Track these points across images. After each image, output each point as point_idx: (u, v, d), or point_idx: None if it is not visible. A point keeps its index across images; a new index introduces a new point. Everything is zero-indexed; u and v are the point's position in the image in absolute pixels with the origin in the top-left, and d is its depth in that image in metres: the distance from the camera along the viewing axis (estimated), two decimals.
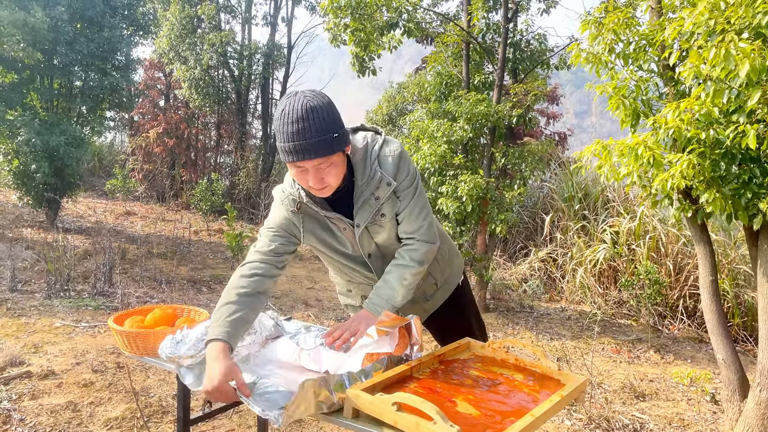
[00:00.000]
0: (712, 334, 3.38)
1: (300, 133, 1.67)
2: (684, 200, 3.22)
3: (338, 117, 1.74)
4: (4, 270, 6.12)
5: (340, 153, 1.76)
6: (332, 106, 1.73)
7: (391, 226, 1.99)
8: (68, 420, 3.32)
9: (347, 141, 1.79)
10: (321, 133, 1.67)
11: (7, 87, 7.99)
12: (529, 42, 6.92)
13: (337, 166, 1.77)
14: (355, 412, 1.48)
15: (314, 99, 1.70)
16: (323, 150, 1.69)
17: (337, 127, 1.71)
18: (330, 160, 1.73)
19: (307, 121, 1.66)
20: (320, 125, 1.67)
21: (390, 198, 1.93)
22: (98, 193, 12.85)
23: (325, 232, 2.00)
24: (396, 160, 1.91)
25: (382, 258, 2.08)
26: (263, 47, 13.00)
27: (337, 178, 1.79)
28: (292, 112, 1.67)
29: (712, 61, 2.31)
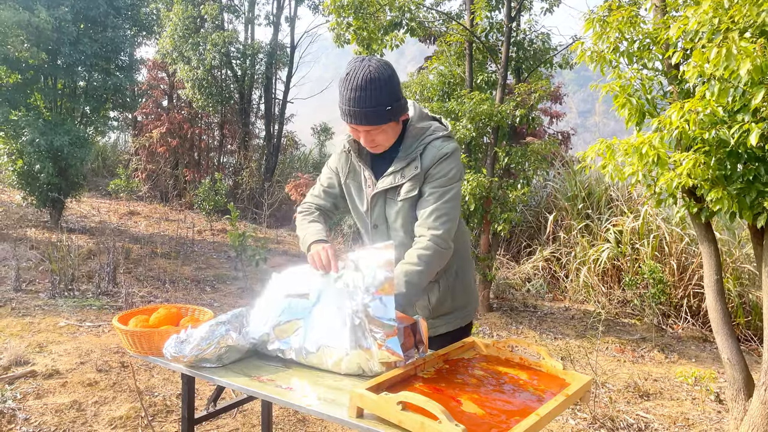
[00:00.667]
0: (716, 333, 3.37)
1: (356, 101, 1.83)
2: (688, 199, 3.22)
3: (395, 90, 1.87)
4: (9, 270, 6.14)
5: (391, 123, 1.91)
6: (392, 80, 1.85)
7: (402, 210, 2.03)
8: (73, 419, 3.33)
9: (402, 112, 1.93)
10: (374, 104, 1.83)
11: (11, 87, 8.00)
12: (532, 41, 6.90)
13: (387, 132, 1.94)
14: (360, 411, 1.48)
15: (376, 71, 1.83)
16: (374, 119, 1.86)
17: (391, 101, 1.85)
18: (380, 128, 1.90)
19: (365, 91, 1.81)
20: (375, 97, 1.82)
21: (413, 181, 1.98)
22: (102, 193, 12.88)
23: (355, 183, 2.14)
24: (439, 156, 1.97)
25: (385, 238, 2.10)
26: (266, 47, 13.01)
27: (387, 141, 1.97)
28: (353, 79, 1.82)
29: (714, 61, 2.30)
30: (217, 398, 2.26)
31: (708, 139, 2.65)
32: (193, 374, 1.85)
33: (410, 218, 2.04)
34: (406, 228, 2.06)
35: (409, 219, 2.04)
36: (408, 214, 2.03)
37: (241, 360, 1.91)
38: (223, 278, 7.15)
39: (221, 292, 6.58)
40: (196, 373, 1.83)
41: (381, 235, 2.11)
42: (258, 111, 14.36)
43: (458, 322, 2.21)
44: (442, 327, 2.18)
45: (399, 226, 2.07)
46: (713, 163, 2.76)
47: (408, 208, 2.02)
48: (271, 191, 12.18)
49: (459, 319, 2.21)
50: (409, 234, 2.06)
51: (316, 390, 1.67)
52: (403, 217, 2.04)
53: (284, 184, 11.55)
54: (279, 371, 1.82)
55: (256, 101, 14.18)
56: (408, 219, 2.04)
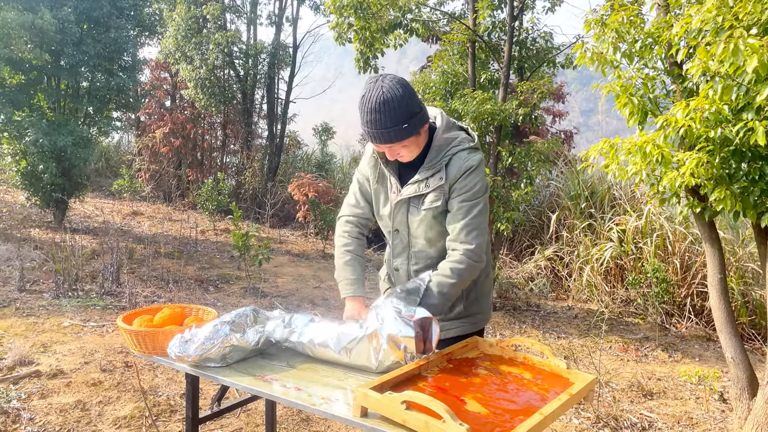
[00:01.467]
0: (720, 332, 3.36)
1: (374, 123, 1.90)
2: (692, 198, 3.21)
3: (411, 106, 1.90)
4: (13, 270, 6.16)
5: (411, 137, 1.95)
6: (405, 98, 1.89)
7: (425, 219, 2.06)
8: (77, 419, 3.34)
9: (421, 124, 1.96)
10: (391, 125, 1.88)
11: (14, 88, 8.02)
12: (534, 40, 6.90)
13: (409, 147, 1.98)
14: (364, 411, 1.48)
15: (389, 91, 1.88)
16: (393, 138, 1.92)
17: (407, 118, 1.89)
18: (401, 144, 1.96)
19: (380, 113, 1.88)
20: (391, 117, 1.87)
21: (437, 192, 2.02)
22: (105, 194, 12.91)
23: (382, 187, 2.19)
24: (465, 168, 2.00)
25: (404, 244, 2.16)
26: (268, 47, 13.01)
27: (410, 153, 2.01)
28: (369, 102, 1.89)
29: (720, 57, 2.30)
30: (221, 398, 2.26)
31: (713, 137, 2.64)
32: (198, 374, 1.85)
33: (431, 227, 2.08)
34: (427, 236, 2.10)
35: (430, 228, 2.08)
36: (430, 224, 2.07)
37: (245, 360, 1.91)
38: (227, 278, 7.16)
39: (225, 291, 6.59)
40: (201, 373, 1.83)
41: (400, 240, 2.17)
42: (261, 111, 14.37)
43: (468, 328, 2.23)
44: (452, 330, 2.21)
45: (420, 234, 2.11)
46: (717, 162, 2.75)
47: (431, 218, 2.06)
48: (273, 191, 12.19)
49: (469, 324, 2.23)
50: (429, 242, 2.11)
51: (320, 389, 1.68)
52: (425, 226, 2.08)
53: (287, 183, 11.56)
54: (283, 370, 1.83)
55: (259, 101, 14.19)
56: (429, 228, 2.08)
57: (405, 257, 2.18)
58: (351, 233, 2.27)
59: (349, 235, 2.26)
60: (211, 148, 14.36)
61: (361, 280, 2.18)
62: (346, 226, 2.29)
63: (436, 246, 2.11)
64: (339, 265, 2.22)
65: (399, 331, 1.70)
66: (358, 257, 2.23)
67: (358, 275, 2.18)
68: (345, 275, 2.18)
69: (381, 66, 6.39)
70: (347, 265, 2.20)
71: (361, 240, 2.29)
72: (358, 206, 2.29)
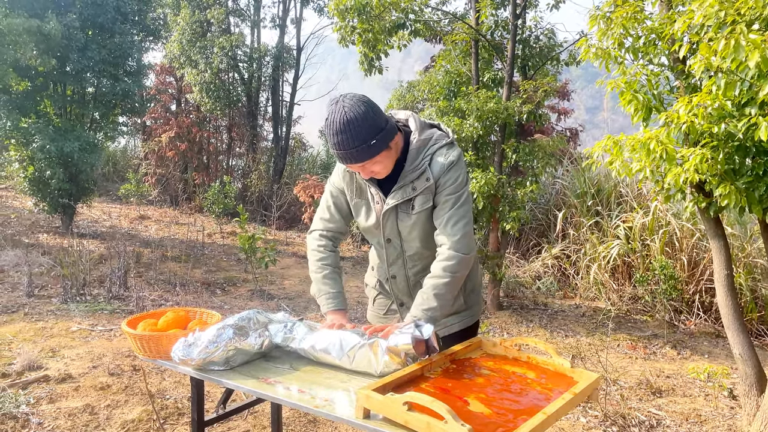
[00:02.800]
0: (728, 328, 3.34)
1: (341, 145, 1.87)
2: (697, 194, 3.19)
3: (376, 122, 1.87)
4: (21, 275, 6.20)
5: (382, 152, 1.92)
6: (368, 114, 1.86)
7: (418, 222, 2.05)
8: (86, 423, 3.36)
9: (389, 138, 1.93)
10: (358, 143, 1.85)
11: (20, 95, 8.08)
12: (538, 38, 6.87)
13: (381, 162, 1.95)
14: (366, 412, 1.48)
15: (351, 110, 1.85)
16: (362, 156, 1.88)
17: (373, 134, 1.86)
18: (373, 161, 1.92)
19: (346, 134, 1.85)
20: (357, 136, 1.84)
21: (425, 194, 2.00)
22: (112, 198, 12.97)
23: (362, 200, 2.15)
24: (447, 165, 1.99)
25: (398, 251, 2.14)
26: (272, 50, 13.05)
27: (385, 169, 1.98)
28: (333, 124, 1.87)
29: (722, 53, 2.29)
30: (226, 400, 2.27)
31: (717, 133, 2.63)
32: (202, 377, 1.86)
33: (425, 229, 2.07)
34: (422, 237, 2.09)
35: (425, 230, 2.07)
36: (424, 226, 2.06)
37: (249, 362, 1.92)
38: (234, 281, 7.18)
39: (231, 294, 6.61)
40: (205, 376, 1.84)
41: (393, 248, 2.15)
42: (265, 113, 14.41)
43: (468, 320, 2.24)
44: (456, 325, 2.21)
45: (413, 237, 2.09)
46: (721, 158, 2.74)
47: (424, 220, 2.05)
48: (279, 193, 12.21)
49: (469, 317, 2.24)
50: (425, 243, 2.10)
51: (323, 391, 1.68)
52: (418, 229, 2.07)
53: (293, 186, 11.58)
54: (286, 373, 1.83)
55: (264, 104, 14.23)
56: (423, 230, 2.07)
57: (401, 263, 2.17)
58: (326, 247, 2.23)
59: (324, 248, 2.22)
60: (216, 151, 14.41)
61: (342, 294, 2.16)
62: (320, 240, 2.24)
63: (429, 245, 2.09)
64: (317, 279, 2.18)
65: (396, 342, 1.72)
66: (336, 270, 2.20)
67: (338, 289, 2.16)
68: (325, 289, 2.15)
69: (386, 66, 6.39)
70: (326, 278, 2.16)
71: (336, 253, 2.26)
72: (332, 220, 2.24)
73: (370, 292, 2.39)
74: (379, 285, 2.31)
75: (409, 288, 2.19)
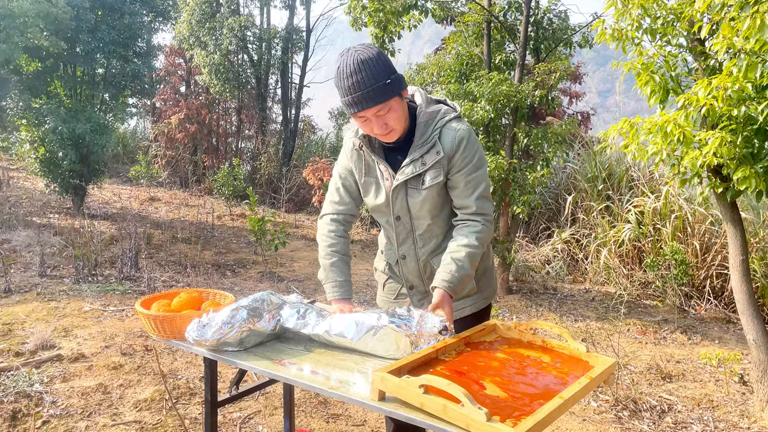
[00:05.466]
0: (742, 314, 3.32)
1: (356, 86, 1.82)
2: (714, 178, 3.15)
3: (389, 64, 1.86)
4: (34, 256, 6.25)
5: (396, 98, 1.88)
6: (381, 56, 1.86)
7: (428, 197, 2.01)
8: (99, 402, 3.39)
9: (402, 85, 1.90)
10: (374, 82, 1.81)
11: (31, 75, 8.08)
12: (551, 20, 6.78)
13: (396, 111, 1.90)
14: (381, 394, 1.48)
15: (364, 52, 1.84)
16: (379, 96, 1.83)
17: (388, 74, 1.84)
18: (388, 105, 1.87)
19: (361, 73, 1.81)
20: (373, 74, 1.81)
21: (436, 168, 1.97)
22: (122, 180, 13.02)
23: (371, 178, 2.12)
24: (457, 138, 1.96)
25: (408, 229, 2.11)
26: (282, 31, 12.96)
27: (398, 122, 1.93)
28: (346, 68, 1.83)
29: (745, 32, 2.24)
30: (239, 381, 2.28)
31: (736, 116, 2.58)
32: (216, 358, 1.86)
33: (435, 205, 2.04)
34: (433, 214, 2.06)
35: (434, 206, 2.04)
36: (434, 201, 2.03)
37: (263, 344, 1.92)
38: (243, 263, 7.20)
39: (241, 276, 6.64)
40: (219, 357, 1.84)
41: (403, 226, 2.11)
42: (275, 96, 14.36)
43: (481, 304, 2.21)
44: (467, 308, 2.17)
45: (423, 214, 2.06)
46: (740, 141, 2.69)
47: (435, 195, 2.01)
48: (288, 176, 12.21)
49: (482, 300, 2.21)
50: (435, 220, 2.06)
51: (338, 373, 1.68)
52: (429, 205, 2.03)
53: (302, 168, 11.57)
54: (300, 354, 1.83)
55: (273, 86, 14.17)
56: (433, 206, 2.04)
57: (411, 242, 2.13)
58: (336, 232, 2.18)
59: (335, 234, 2.18)
60: (226, 133, 14.40)
61: (349, 282, 2.13)
62: (331, 225, 2.20)
63: (439, 223, 2.07)
64: (325, 266, 2.15)
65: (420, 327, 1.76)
66: (345, 257, 2.17)
67: (346, 277, 2.13)
68: (333, 277, 2.12)
69: (397, 49, 6.33)
70: (334, 266, 2.13)
71: (346, 239, 2.22)
72: (342, 203, 2.20)
73: (379, 276, 2.35)
74: (389, 268, 2.28)
75: (420, 269, 2.15)
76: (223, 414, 3.35)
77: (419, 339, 1.74)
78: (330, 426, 3.32)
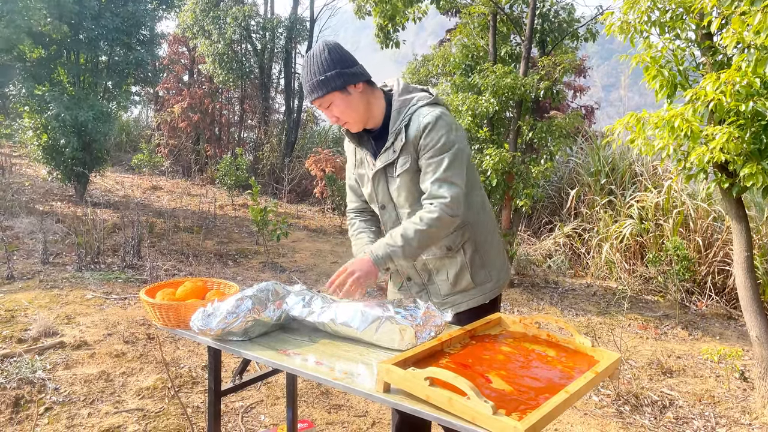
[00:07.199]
0: (745, 310, 3.31)
1: (302, 79, 1.97)
2: (720, 174, 3.13)
3: (335, 61, 1.91)
4: (36, 243, 6.26)
5: (335, 92, 1.92)
6: (329, 53, 1.91)
7: (403, 185, 2.03)
8: (101, 389, 3.40)
9: (344, 80, 1.92)
10: (311, 78, 1.92)
11: (35, 62, 8.06)
12: (557, 12, 6.74)
13: (339, 105, 1.95)
14: (386, 386, 1.48)
15: (316, 48, 1.93)
16: (314, 92, 1.93)
17: (325, 70, 1.90)
18: (328, 100, 1.94)
19: (305, 68, 1.94)
20: (311, 71, 1.91)
21: (404, 154, 1.98)
22: (125, 168, 13.01)
23: (363, 169, 2.16)
24: (424, 123, 1.94)
25: (394, 218, 2.13)
26: (286, 21, 12.90)
27: (349, 116, 1.98)
28: None
29: (756, 26, 2.22)
30: (243, 371, 2.28)
31: (744, 111, 2.56)
32: (220, 347, 1.86)
33: (411, 191, 2.04)
34: (411, 201, 2.05)
35: (410, 192, 2.04)
36: (409, 188, 2.03)
37: (267, 334, 1.92)
38: (245, 252, 7.21)
39: (243, 266, 6.64)
40: (223, 346, 1.84)
41: (389, 215, 2.13)
42: (278, 86, 14.32)
43: (479, 299, 2.14)
44: (463, 304, 2.13)
45: (403, 202, 2.07)
46: (748, 137, 2.68)
47: (408, 182, 2.02)
48: (291, 166, 12.19)
49: (481, 295, 2.14)
50: (414, 208, 2.06)
51: (342, 364, 1.68)
52: (405, 191, 2.04)
53: (304, 159, 11.55)
54: (305, 345, 1.83)
55: (276, 76, 14.13)
56: (410, 192, 2.04)
57: (393, 226, 2.12)
58: (357, 222, 2.29)
59: (357, 223, 2.29)
60: (228, 123, 14.37)
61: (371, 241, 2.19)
62: (353, 220, 2.32)
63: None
64: (356, 245, 2.24)
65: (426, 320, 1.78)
66: (371, 234, 2.25)
67: (376, 238, 2.19)
68: (360, 245, 2.19)
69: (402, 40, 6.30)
70: (359, 240, 2.23)
71: (369, 222, 2.30)
72: (356, 199, 2.31)
73: None
74: None
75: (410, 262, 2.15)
76: (225, 403, 3.36)
77: (422, 329, 1.75)
78: (332, 416, 3.33)
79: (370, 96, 2.01)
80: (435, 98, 2.03)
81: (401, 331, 1.73)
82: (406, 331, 1.73)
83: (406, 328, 1.73)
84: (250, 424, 3.20)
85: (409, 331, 1.73)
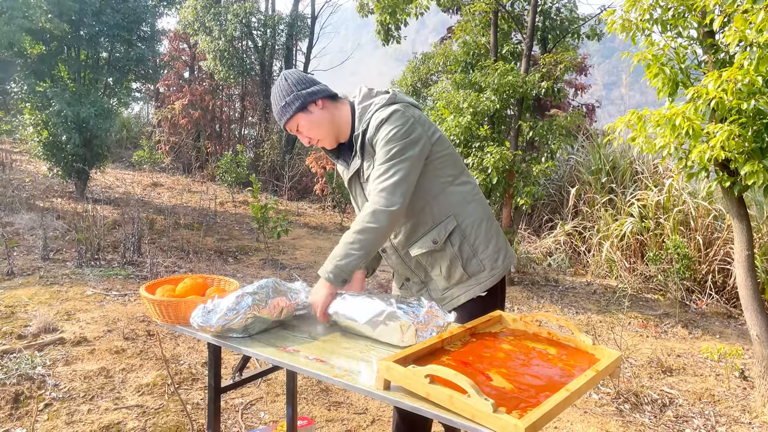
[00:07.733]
0: (746, 309, 3.31)
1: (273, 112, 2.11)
2: (721, 172, 3.13)
3: (289, 85, 2.04)
4: (37, 239, 6.26)
5: (299, 114, 2.03)
6: (280, 83, 2.06)
7: None
8: (101, 385, 3.40)
9: (305, 101, 2.03)
10: (275, 106, 2.07)
11: (36, 59, 8.05)
12: (559, 10, 6.73)
13: (306, 125, 2.05)
14: (387, 384, 1.47)
15: (275, 83, 2.09)
16: (280, 119, 2.07)
17: (283, 96, 2.04)
18: (293, 123, 2.05)
19: (272, 103, 2.09)
20: (275, 101, 2.07)
21: (367, 159, 2.03)
22: (125, 165, 13.00)
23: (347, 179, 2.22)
24: (377, 121, 1.98)
25: None
26: (287, 18, 12.89)
27: (317, 133, 2.07)
28: None
29: (759, 25, 2.21)
30: (242, 368, 2.28)
31: (746, 109, 2.56)
32: (220, 344, 1.86)
33: None
34: None
35: None
36: None
37: (267, 330, 1.92)
38: (246, 249, 7.21)
39: (244, 263, 6.64)
40: (223, 343, 1.84)
41: None
42: None
43: (476, 290, 2.10)
44: (462, 296, 2.10)
45: None
46: (749, 135, 2.67)
47: None
48: (291, 164, 12.19)
49: (476, 285, 2.10)
50: None
51: (342, 361, 1.67)
52: None
53: (305, 156, 11.55)
54: (305, 342, 1.83)
55: (277, 73, 14.10)
56: None
57: None
58: None
59: None
60: (229, 120, 14.37)
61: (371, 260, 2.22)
62: None
63: None
64: None
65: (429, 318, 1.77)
66: None
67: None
68: None
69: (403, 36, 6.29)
70: None
71: None
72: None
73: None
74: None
75: (403, 261, 2.15)
76: (225, 400, 3.36)
77: (424, 328, 1.74)
78: (331, 413, 3.33)
79: (333, 110, 2.07)
80: (392, 98, 2.03)
81: (402, 327, 1.73)
82: (408, 328, 1.73)
83: (408, 324, 1.73)
84: (249, 421, 3.20)
85: (411, 329, 1.72)
